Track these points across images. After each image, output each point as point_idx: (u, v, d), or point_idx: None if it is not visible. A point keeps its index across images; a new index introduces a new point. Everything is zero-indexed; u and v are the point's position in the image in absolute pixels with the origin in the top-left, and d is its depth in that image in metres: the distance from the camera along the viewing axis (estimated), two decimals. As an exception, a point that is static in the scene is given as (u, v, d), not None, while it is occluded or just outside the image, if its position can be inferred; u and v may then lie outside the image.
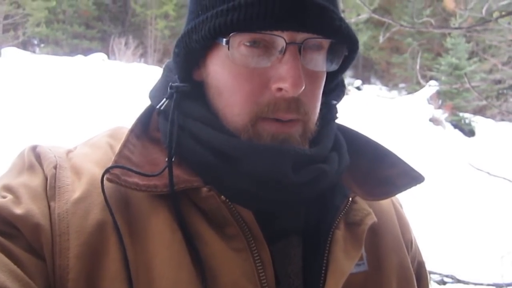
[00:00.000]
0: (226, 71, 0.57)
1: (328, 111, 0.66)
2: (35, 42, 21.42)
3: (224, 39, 0.55)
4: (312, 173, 0.58)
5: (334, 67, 0.59)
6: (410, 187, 0.64)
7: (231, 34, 0.54)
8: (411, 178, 0.65)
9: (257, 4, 0.52)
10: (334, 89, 0.68)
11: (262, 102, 0.56)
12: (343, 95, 0.69)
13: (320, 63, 0.58)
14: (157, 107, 0.62)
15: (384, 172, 0.66)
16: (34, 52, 17.23)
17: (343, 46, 0.58)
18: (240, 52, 0.55)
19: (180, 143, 0.58)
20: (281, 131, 0.56)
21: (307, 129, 0.59)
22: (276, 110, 0.55)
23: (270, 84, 0.55)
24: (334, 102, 0.67)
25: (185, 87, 0.61)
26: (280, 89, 0.55)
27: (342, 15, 0.59)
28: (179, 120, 0.59)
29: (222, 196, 0.56)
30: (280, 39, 0.54)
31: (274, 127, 0.56)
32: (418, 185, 0.65)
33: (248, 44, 0.55)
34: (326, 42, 0.57)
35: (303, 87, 0.54)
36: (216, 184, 0.56)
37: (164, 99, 0.61)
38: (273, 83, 0.55)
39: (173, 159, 0.56)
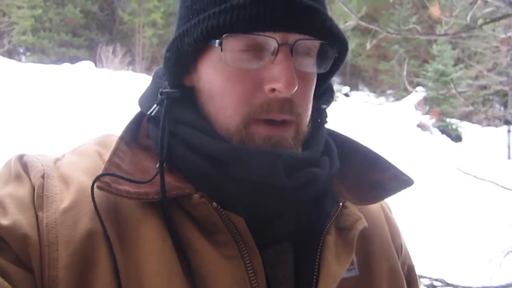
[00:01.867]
0: (218, 74, 0.57)
1: (319, 115, 0.66)
2: (21, 50, 21.23)
3: (217, 41, 0.55)
4: (305, 176, 0.58)
5: (324, 69, 0.60)
6: (400, 191, 0.65)
7: (224, 35, 0.54)
8: (401, 181, 0.65)
9: (249, 6, 0.53)
10: (324, 94, 0.69)
11: (255, 103, 0.56)
12: (332, 99, 0.69)
13: (311, 65, 0.58)
14: (148, 113, 0.62)
15: (374, 177, 0.66)
16: (20, 60, 17.04)
17: (333, 47, 0.59)
18: (232, 54, 0.55)
19: (171, 150, 0.58)
20: (274, 134, 0.57)
21: (300, 131, 0.59)
22: (269, 110, 0.56)
23: (263, 85, 0.56)
24: (324, 106, 0.68)
25: (176, 93, 0.60)
26: (273, 90, 0.55)
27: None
28: (170, 126, 0.59)
29: (214, 203, 0.55)
30: (272, 40, 0.54)
31: (266, 130, 0.56)
32: (407, 189, 0.65)
33: (240, 48, 0.55)
34: (317, 44, 0.58)
35: (296, 87, 0.55)
36: (208, 190, 0.56)
37: (155, 106, 0.61)
38: (266, 84, 0.55)
39: (164, 166, 0.56)
